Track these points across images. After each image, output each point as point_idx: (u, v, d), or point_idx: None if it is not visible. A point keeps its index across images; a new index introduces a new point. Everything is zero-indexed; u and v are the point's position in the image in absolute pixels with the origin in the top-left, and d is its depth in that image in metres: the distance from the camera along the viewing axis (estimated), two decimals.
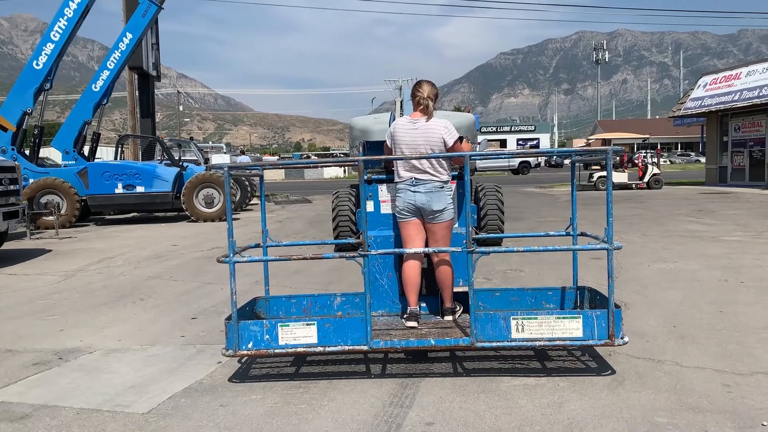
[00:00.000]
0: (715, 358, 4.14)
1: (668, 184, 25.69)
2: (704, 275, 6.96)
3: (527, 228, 12.01)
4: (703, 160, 36.53)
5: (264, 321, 4.00)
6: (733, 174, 24.92)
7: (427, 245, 4.37)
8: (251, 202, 20.54)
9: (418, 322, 4.27)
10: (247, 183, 19.16)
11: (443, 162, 4.26)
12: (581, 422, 3.21)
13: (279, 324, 3.92)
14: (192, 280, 7.61)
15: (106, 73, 17.16)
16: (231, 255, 3.88)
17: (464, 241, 4.06)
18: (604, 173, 24.42)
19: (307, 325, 3.89)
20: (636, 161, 25.03)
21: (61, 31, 16.09)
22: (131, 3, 19.84)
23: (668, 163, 62.44)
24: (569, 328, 3.77)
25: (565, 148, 5.05)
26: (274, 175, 53.12)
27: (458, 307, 4.42)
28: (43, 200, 14.85)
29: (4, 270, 8.84)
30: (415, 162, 4.23)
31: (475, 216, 9.63)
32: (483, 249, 3.91)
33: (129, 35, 17.41)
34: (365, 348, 3.83)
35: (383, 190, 4.73)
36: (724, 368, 3.95)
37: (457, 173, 4.65)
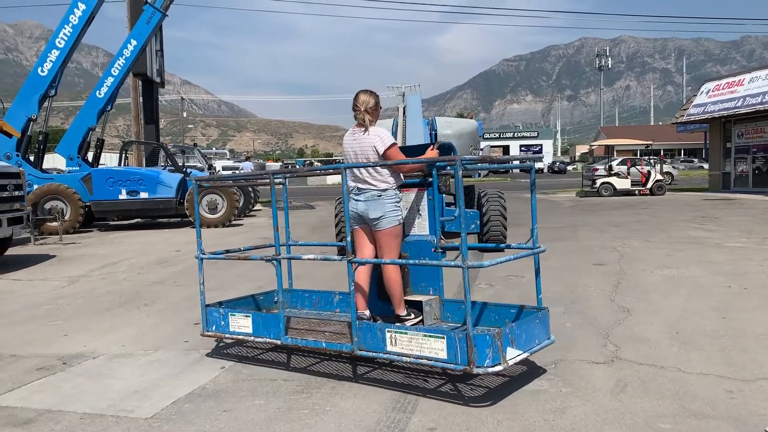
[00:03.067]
0: (718, 365, 4.14)
1: (671, 191, 25.67)
2: (707, 281, 6.95)
3: (528, 234, 11.99)
4: (706, 166, 36.49)
5: (221, 309, 4.64)
6: (737, 180, 24.89)
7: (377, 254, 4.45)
8: (254, 208, 20.57)
9: None
10: (250, 189, 19.19)
11: (381, 171, 4.29)
12: (583, 428, 3.21)
13: (230, 313, 4.55)
14: (195, 286, 7.58)
15: (110, 80, 17.22)
16: (199, 252, 4.81)
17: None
18: (608, 179, 24.43)
19: (245, 317, 4.47)
20: (639, 168, 25.04)
21: (66, 38, 16.17)
22: (136, 10, 19.96)
23: (671, 169, 62.30)
24: (435, 348, 3.64)
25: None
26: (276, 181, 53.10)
27: (411, 315, 4.37)
28: (48, 206, 14.89)
29: (8, 275, 8.87)
30: (356, 172, 4.35)
31: (478, 222, 9.70)
32: (355, 258, 4.07)
33: (133, 42, 17.49)
34: (278, 342, 4.28)
35: None
36: (727, 374, 3.94)
37: (420, 180, 4.67)
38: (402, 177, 4.48)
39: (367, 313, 4.40)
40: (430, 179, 4.58)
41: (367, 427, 3.32)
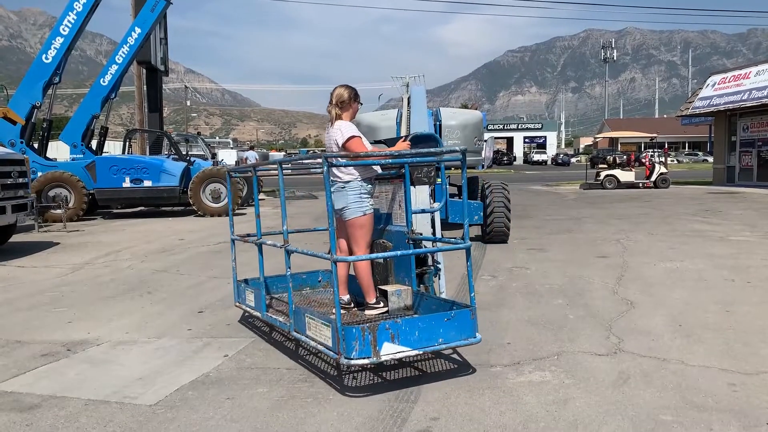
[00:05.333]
0: (720, 358, 4.14)
1: (675, 184, 25.60)
2: (711, 275, 6.95)
3: (532, 226, 12.00)
4: (710, 159, 36.39)
5: (242, 285, 5.27)
6: (741, 174, 24.81)
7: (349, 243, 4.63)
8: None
9: (345, 310, 4.53)
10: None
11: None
12: (586, 419, 3.22)
13: (246, 289, 5.17)
14: (199, 274, 7.65)
15: (114, 68, 17.20)
16: (231, 234, 5.56)
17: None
18: (611, 172, 24.39)
19: (251, 292, 5.05)
20: (643, 160, 24.98)
21: (70, 26, 16.14)
22: None
23: (675, 162, 62.19)
24: (326, 335, 3.76)
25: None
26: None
27: (380, 304, 4.48)
28: (52, 193, 14.91)
29: (12, 262, 8.90)
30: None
31: (482, 213, 9.68)
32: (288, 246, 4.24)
33: (138, 30, 17.45)
34: (260, 315, 4.83)
35: None
36: (729, 367, 3.95)
37: (394, 172, 4.74)
38: (377, 169, 4.58)
39: (346, 297, 4.62)
40: (403, 171, 4.64)
41: (370, 415, 3.34)
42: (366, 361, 3.55)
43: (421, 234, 4.83)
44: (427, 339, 3.69)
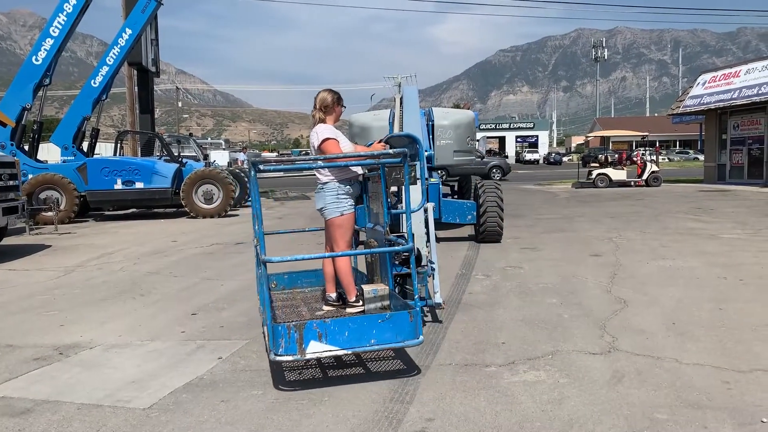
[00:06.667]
0: (714, 355, 4.16)
1: (667, 182, 25.70)
2: (703, 273, 6.98)
3: (525, 225, 12.02)
4: (701, 157, 36.57)
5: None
6: (732, 172, 24.94)
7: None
8: (250, 198, 20.51)
9: (333, 307, 4.71)
10: (246, 179, 19.12)
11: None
12: (581, 418, 3.22)
13: (262, 286, 5.07)
14: (192, 276, 7.61)
15: (105, 69, 17.10)
16: (258, 229, 5.18)
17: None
18: (603, 170, 24.45)
19: (258, 284, 4.92)
20: (635, 159, 25.05)
21: (60, 27, 16.03)
22: None
23: (666, 160, 62.45)
24: (265, 332, 4.00)
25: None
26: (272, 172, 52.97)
27: (360, 302, 4.55)
28: (43, 196, 14.81)
29: (3, 265, 8.83)
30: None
31: (475, 213, 9.67)
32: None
33: (128, 31, 17.36)
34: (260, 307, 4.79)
35: None
36: (723, 365, 3.96)
37: (375, 173, 4.78)
38: (356, 170, 4.62)
39: (333, 295, 4.74)
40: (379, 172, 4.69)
41: (365, 417, 3.33)
42: (290, 357, 3.68)
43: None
44: (358, 339, 3.76)
